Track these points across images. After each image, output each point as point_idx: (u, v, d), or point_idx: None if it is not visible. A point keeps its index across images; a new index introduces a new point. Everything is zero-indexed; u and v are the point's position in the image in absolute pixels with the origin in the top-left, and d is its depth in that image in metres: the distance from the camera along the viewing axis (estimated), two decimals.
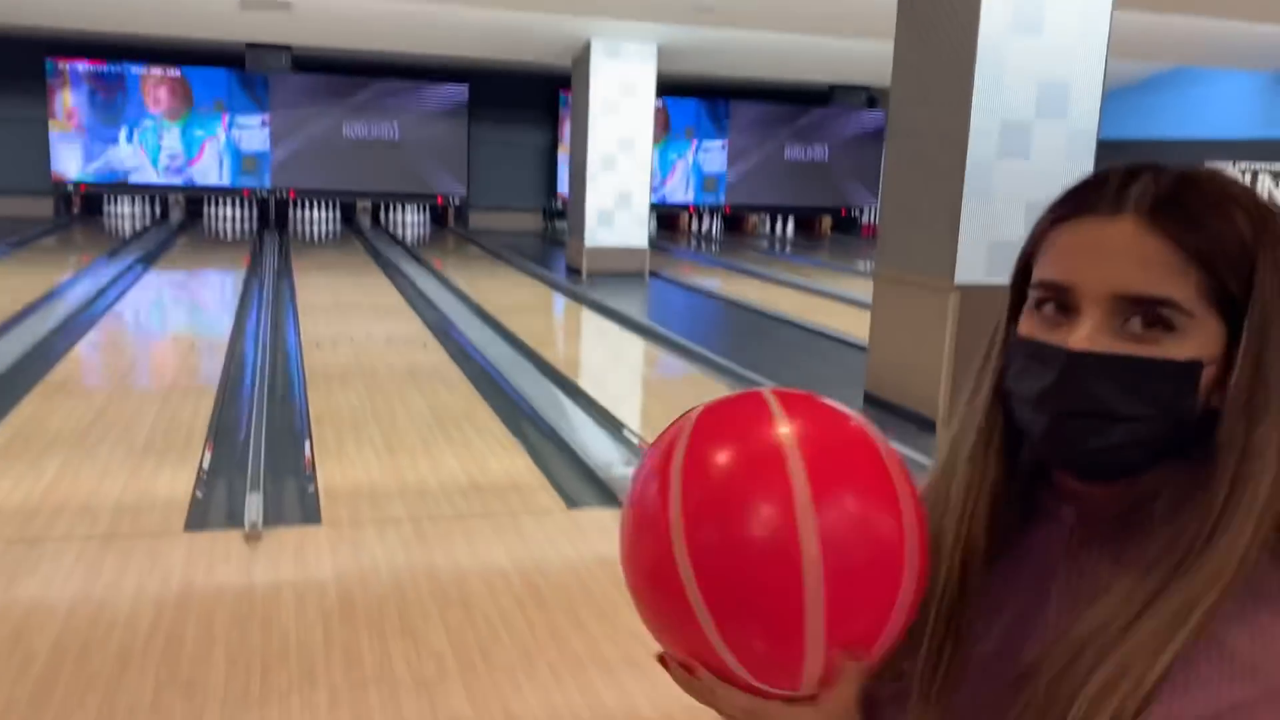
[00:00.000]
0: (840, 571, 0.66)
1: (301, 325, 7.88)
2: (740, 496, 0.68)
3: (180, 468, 4.39)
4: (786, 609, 0.66)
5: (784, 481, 0.67)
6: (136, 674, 2.70)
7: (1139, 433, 0.69)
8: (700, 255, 15.24)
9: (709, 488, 0.69)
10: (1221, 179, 0.71)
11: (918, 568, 0.69)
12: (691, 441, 0.72)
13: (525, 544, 3.72)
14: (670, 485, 0.70)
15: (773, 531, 0.66)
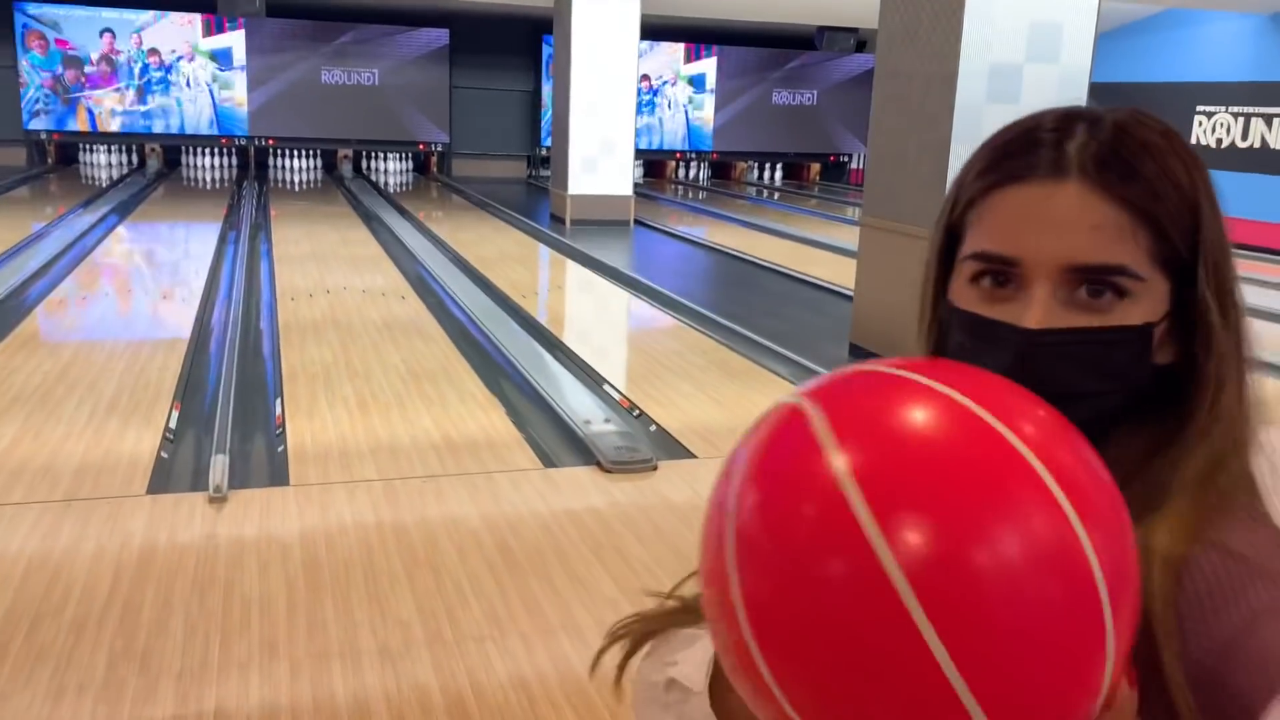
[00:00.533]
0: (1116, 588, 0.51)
1: (277, 277, 7.71)
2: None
3: (146, 427, 4.27)
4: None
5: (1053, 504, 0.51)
6: (90, 646, 2.60)
7: (1100, 406, 0.67)
8: (687, 203, 15.03)
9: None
10: (1151, 126, 0.68)
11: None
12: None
13: (499, 505, 3.62)
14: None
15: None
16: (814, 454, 0.52)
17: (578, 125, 11.04)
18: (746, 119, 17.63)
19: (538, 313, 7.00)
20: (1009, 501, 0.50)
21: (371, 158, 16.40)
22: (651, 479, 3.90)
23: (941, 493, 0.49)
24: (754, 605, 0.52)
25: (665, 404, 4.87)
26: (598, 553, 3.25)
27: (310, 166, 16.08)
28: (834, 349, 6.04)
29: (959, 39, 5.05)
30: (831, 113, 17.88)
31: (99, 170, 15.11)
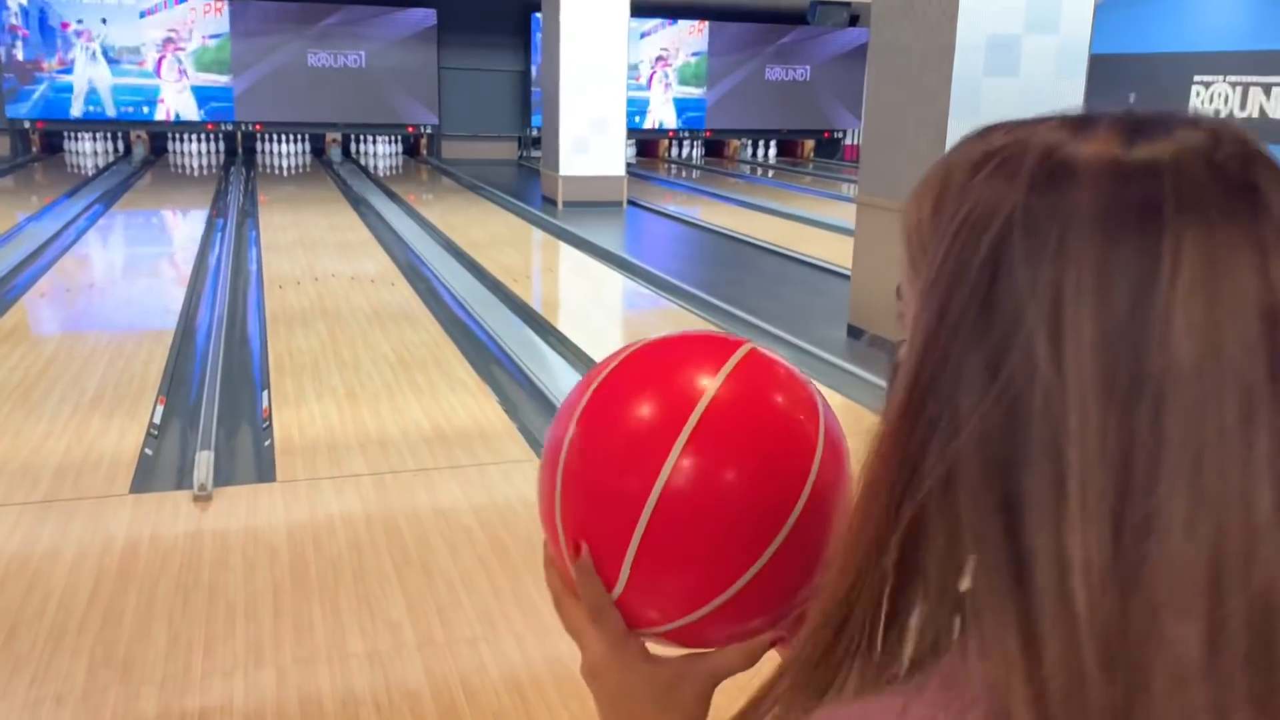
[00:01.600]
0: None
1: (265, 264, 7.60)
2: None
3: (130, 422, 4.17)
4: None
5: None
6: (69, 654, 2.51)
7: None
8: (680, 183, 14.90)
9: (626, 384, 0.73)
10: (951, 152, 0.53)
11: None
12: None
13: (491, 497, 3.53)
14: (591, 381, 0.74)
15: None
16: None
17: (568, 105, 10.89)
18: (739, 96, 17.46)
19: (530, 297, 6.90)
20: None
21: (360, 141, 16.22)
22: None
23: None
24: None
25: None
26: None
27: (298, 151, 15.90)
28: (831, 330, 5.95)
29: (955, 10, 4.93)
30: (825, 88, 17.72)
31: (84, 158, 14.93)
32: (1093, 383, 0.44)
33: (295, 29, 15.39)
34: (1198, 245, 0.43)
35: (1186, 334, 0.43)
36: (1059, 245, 0.45)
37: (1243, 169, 0.45)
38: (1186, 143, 0.45)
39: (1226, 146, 0.45)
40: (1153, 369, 0.43)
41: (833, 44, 17.58)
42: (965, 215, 0.48)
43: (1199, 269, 0.43)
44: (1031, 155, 0.47)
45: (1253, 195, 0.45)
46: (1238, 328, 0.43)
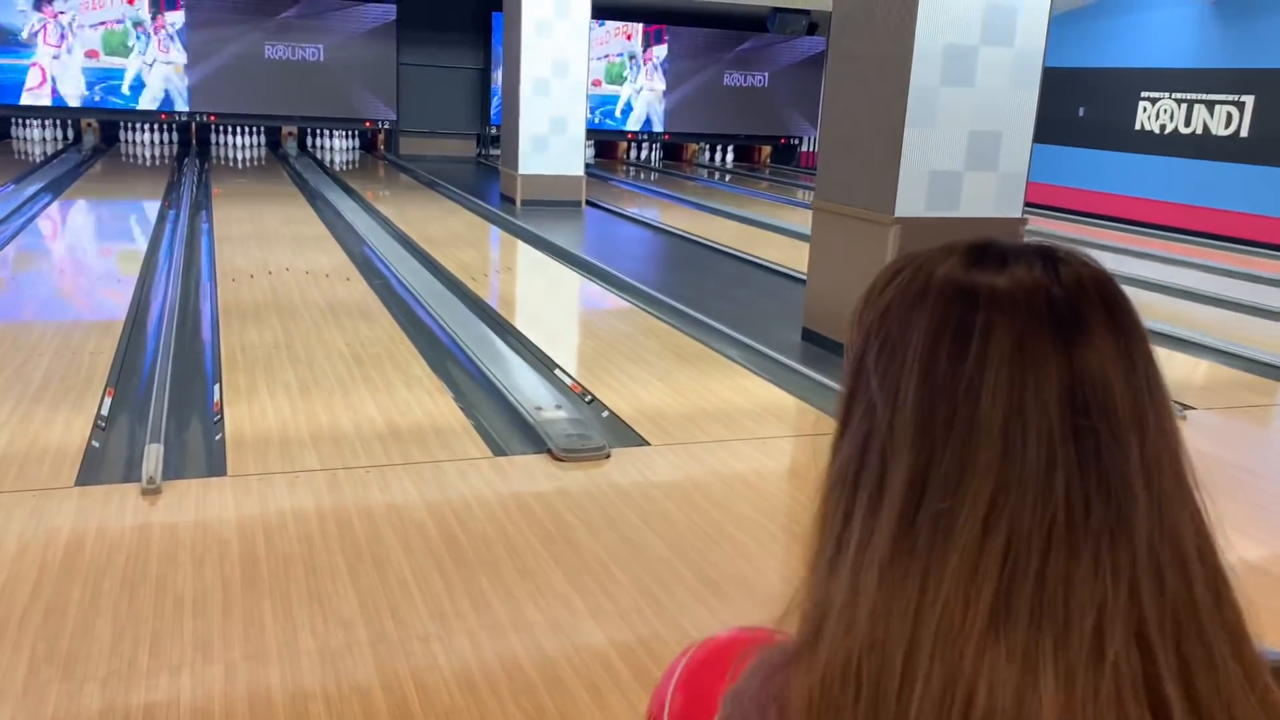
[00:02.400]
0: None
1: (217, 257, 7.49)
2: None
3: (76, 414, 4.09)
4: None
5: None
6: (9, 650, 2.46)
7: None
8: (638, 184, 14.92)
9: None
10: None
11: None
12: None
13: (446, 495, 3.51)
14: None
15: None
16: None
17: (528, 104, 10.86)
18: (698, 100, 17.53)
19: (487, 295, 6.87)
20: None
21: (317, 135, 16.05)
22: (603, 467, 3.82)
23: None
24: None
25: (618, 389, 4.79)
26: (548, 544, 3.17)
27: (253, 144, 15.70)
28: (787, 333, 5.99)
29: (914, 20, 5.00)
30: (783, 95, 17.85)
31: (33, 145, 14.62)
32: (907, 431, 0.62)
33: (252, 20, 15.20)
34: (1005, 336, 0.61)
35: (993, 394, 0.60)
36: (905, 325, 0.64)
37: (1068, 300, 0.62)
38: (1016, 274, 0.63)
39: (1062, 284, 0.63)
40: (962, 416, 0.61)
41: (790, 52, 17.72)
42: (860, 325, 0.69)
43: (1004, 351, 0.61)
44: (905, 274, 0.67)
45: (1067, 314, 0.61)
46: (1040, 391, 0.60)
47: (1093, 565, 0.58)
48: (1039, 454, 0.59)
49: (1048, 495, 0.59)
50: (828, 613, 0.63)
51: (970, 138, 5.23)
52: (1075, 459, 0.59)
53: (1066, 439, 0.59)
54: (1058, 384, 0.60)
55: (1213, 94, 11.21)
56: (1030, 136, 5.39)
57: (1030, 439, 0.59)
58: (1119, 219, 11.99)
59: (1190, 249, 10.14)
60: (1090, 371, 0.60)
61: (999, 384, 0.60)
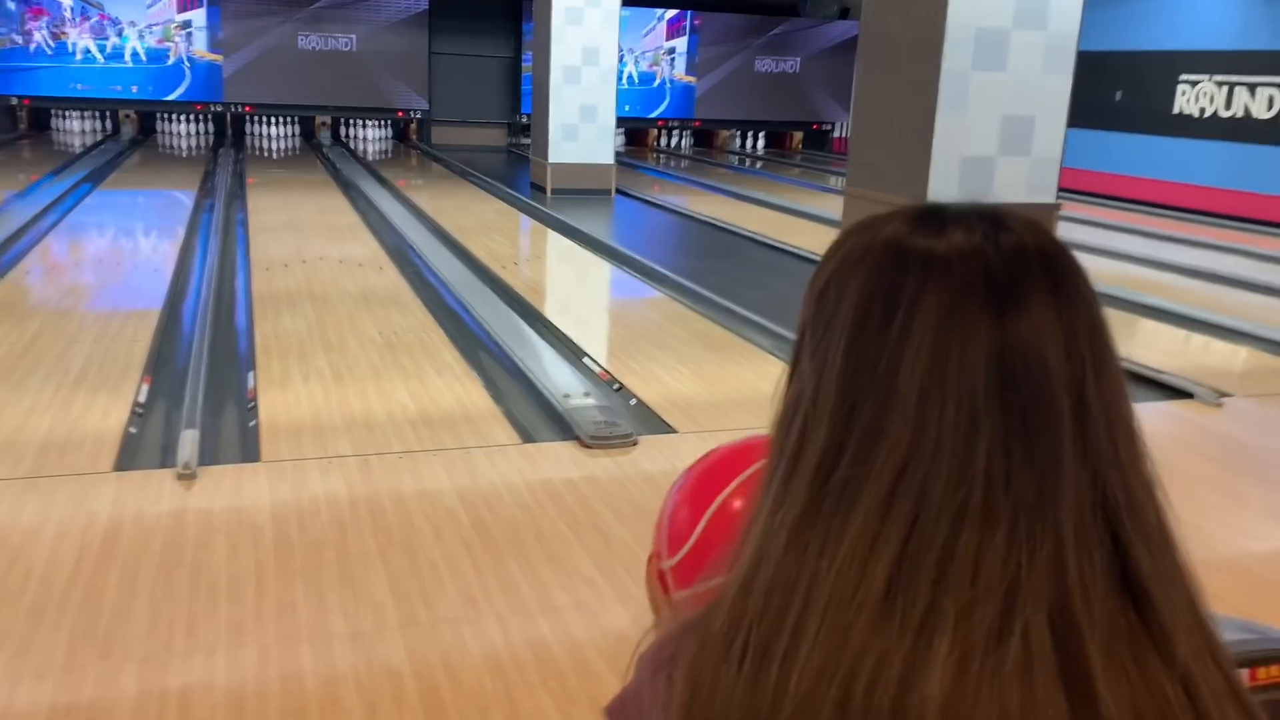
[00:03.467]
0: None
1: (252, 246, 7.58)
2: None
3: (114, 401, 4.16)
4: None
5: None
6: (49, 631, 2.52)
7: None
8: (669, 172, 14.89)
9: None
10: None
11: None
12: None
13: (476, 481, 3.54)
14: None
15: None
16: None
17: (558, 92, 10.87)
18: (729, 86, 17.46)
19: (517, 284, 6.90)
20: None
21: (350, 125, 16.16)
22: (631, 454, 3.83)
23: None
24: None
25: (646, 377, 4.80)
26: (576, 530, 3.19)
27: (288, 134, 15.84)
28: None
29: (945, 3, 4.95)
30: (814, 80, 17.73)
31: (72, 136, 14.83)
32: (830, 399, 0.61)
33: (286, 11, 15.31)
34: (934, 303, 0.59)
35: (913, 364, 0.58)
36: (841, 292, 0.63)
37: (1006, 267, 0.60)
38: (953, 238, 0.61)
39: (1001, 251, 0.60)
40: (879, 385, 0.59)
41: (822, 37, 17.59)
42: (809, 292, 0.68)
43: (931, 319, 0.58)
44: (853, 239, 0.65)
45: (1003, 282, 0.59)
46: (965, 362, 0.58)
47: (1007, 540, 0.56)
48: (958, 426, 0.57)
49: (964, 468, 0.57)
50: (734, 579, 0.63)
51: (1003, 123, 5.18)
52: (1000, 432, 0.57)
53: (991, 412, 0.57)
54: (986, 355, 0.58)
55: (1254, 76, 11.01)
56: (1064, 121, 5.33)
57: (949, 410, 0.57)
58: (1156, 204, 11.82)
59: (1229, 234, 9.98)
60: (1022, 343, 0.58)
61: (920, 353, 0.58)
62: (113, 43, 14.87)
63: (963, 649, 0.55)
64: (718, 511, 1.01)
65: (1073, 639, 0.56)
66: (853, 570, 0.57)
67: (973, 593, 0.56)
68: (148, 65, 15.03)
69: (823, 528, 0.59)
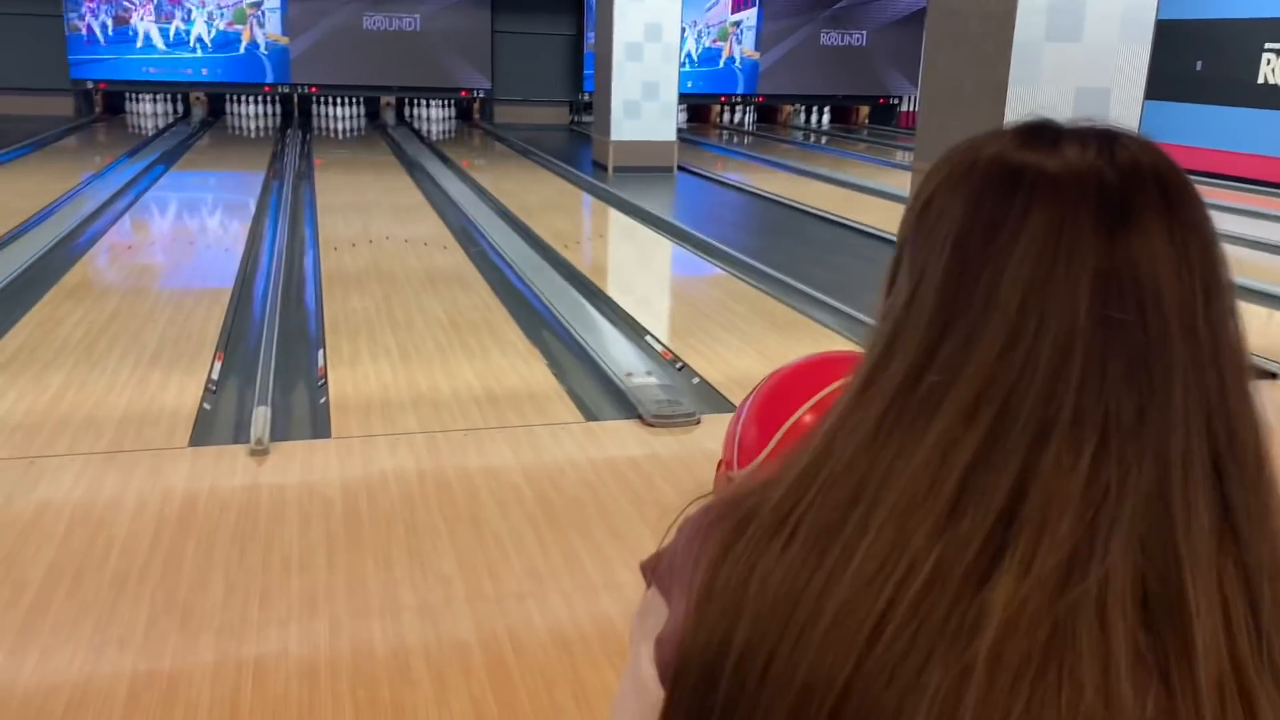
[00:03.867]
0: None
1: (320, 226, 7.69)
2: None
3: (188, 378, 4.27)
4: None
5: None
6: (131, 600, 2.60)
7: None
8: (731, 148, 14.79)
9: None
10: None
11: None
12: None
13: (540, 458, 3.57)
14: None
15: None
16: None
17: (620, 69, 10.84)
18: (793, 60, 17.25)
19: (580, 262, 6.91)
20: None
21: (414, 105, 16.30)
22: (694, 433, 3.83)
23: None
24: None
25: (708, 356, 4.78)
26: (639, 508, 3.20)
27: (353, 114, 16.03)
28: None
29: None
30: (882, 53, 17.44)
31: (145, 119, 15.17)
32: (925, 310, 0.60)
33: None
34: (1042, 219, 0.57)
35: (1015, 276, 0.57)
36: (945, 207, 0.61)
37: (1120, 184, 0.58)
38: (1066, 154, 0.59)
39: (1116, 167, 0.58)
40: (979, 296, 0.58)
41: (890, 9, 17.28)
42: (908, 213, 0.66)
43: (1038, 234, 0.57)
44: (958, 153, 0.64)
45: (1116, 199, 0.57)
46: (1069, 281, 0.56)
47: (1093, 461, 0.54)
48: (1056, 339, 0.55)
49: (1055, 383, 0.55)
50: (794, 464, 0.62)
51: (1077, 95, 5.05)
52: (1099, 350, 0.55)
53: (1092, 329, 0.55)
54: (1092, 272, 0.56)
55: None
56: (1142, 93, 5.17)
57: (1049, 325, 0.56)
58: (1239, 178, 11.44)
59: None
60: (1132, 263, 0.56)
61: (1023, 266, 0.57)
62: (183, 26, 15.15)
63: (1032, 569, 0.53)
64: (791, 429, 1.00)
65: (1171, 575, 0.54)
66: (925, 474, 0.56)
67: (1044, 515, 0.54)
68: (218, 48, 15.30)
69: (902, 429, 0.58)
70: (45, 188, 8.84)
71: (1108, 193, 0.57)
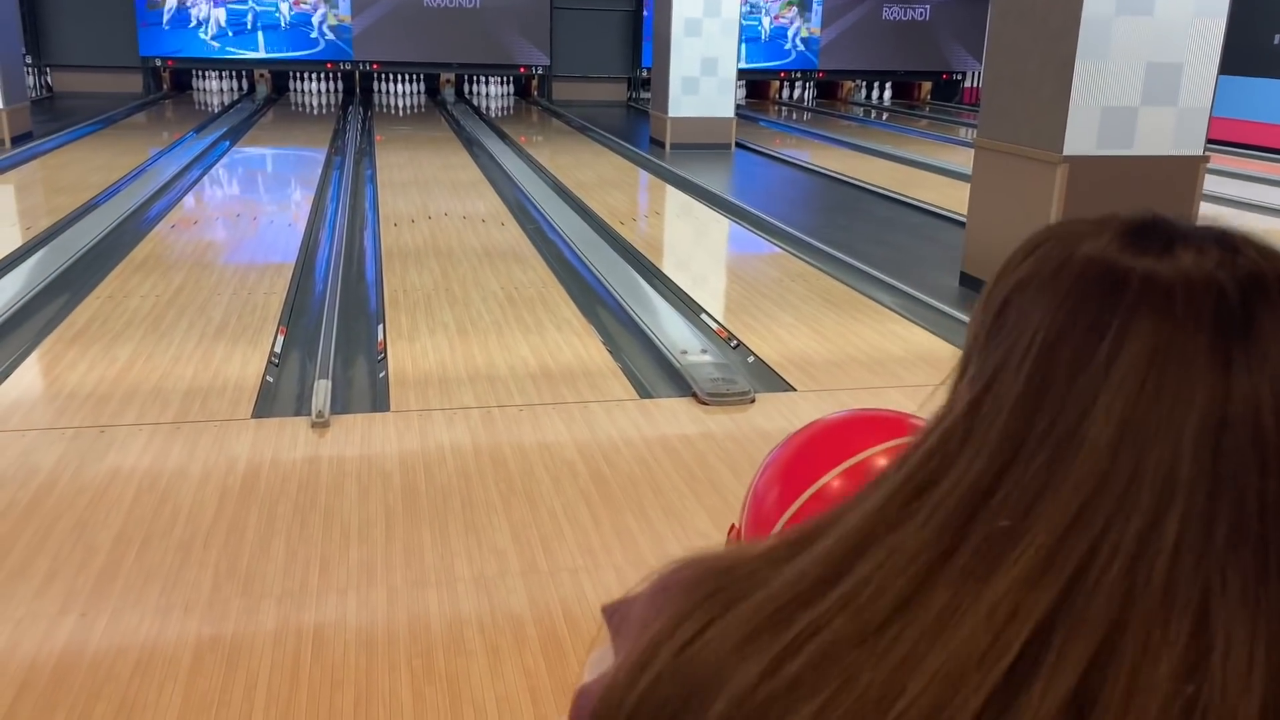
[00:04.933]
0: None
1: (380, 202, 7.78)
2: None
3: (252, 351, 4.35)
4: None
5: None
6: (196, 567, 2.67)
7: None
8: (790, 125, 14.64)
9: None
10: None
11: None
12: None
13: (594, 434, 3.59)
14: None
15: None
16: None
17: (678, 44, 10.77)
18: (855, 36, 17.01)
19: (635, 239, 6.91)
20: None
21: (473, 81, 16.37)
22: (748, 412, 3.82)
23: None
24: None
25: (764, 334, 4.76)
26: (692, 485, 3.20)
27: (413, 91, 16.14)
28: (944, 278, 5.82)
29: None
30: (945, 28, 17.13)
31: (211, 96, 15.43)
32: (994, 430, 0.50)
33: None
34: (1147, 338, 0.47)
35: (1106, 410, 0.47)
36: (1027, 310, 0.51)
37: (1241, 293, 0.47)
38: (1182, 262, 0.49)
39: (1237, 277, 0.48)
40: (1064, 424, 0.48)
41: None
42: (986, 303, 0.56)
43: (1140, 358, 0.47)
44: (1046, 248, 0.54)
45: (1234, 314, 0.47)
46: (1173, 423, 0.46)
47: (1188, 646, 0.44)
48: (1151, 491, 0.46)
49: (1145, 546, 0.45)
50: (813, 547, 0.53)
51: (1148, 70, 4.91)
52: (1202, 510, 0.45)
53: (1197, 482, 0.46)
54: (1202, 408, 0.46)
55: None
56: (1215, 68, 5.02)
57: (1146, 471, 0.46)
58: None
59: None
60: (1256, 397, 0.46)
61: (1120, 397, 0.47)
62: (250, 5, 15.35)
63: None
64: (816, 495, 0.89)
65: None
66: (985, 637, 0.46)
67: (1130, 698, 0.44)
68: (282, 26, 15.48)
69: (955, 575, 0.48)
70: (115, 163, 9.05)
71: (1227, 309, 0.47)
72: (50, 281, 5.35)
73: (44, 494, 3.04)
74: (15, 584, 2.57)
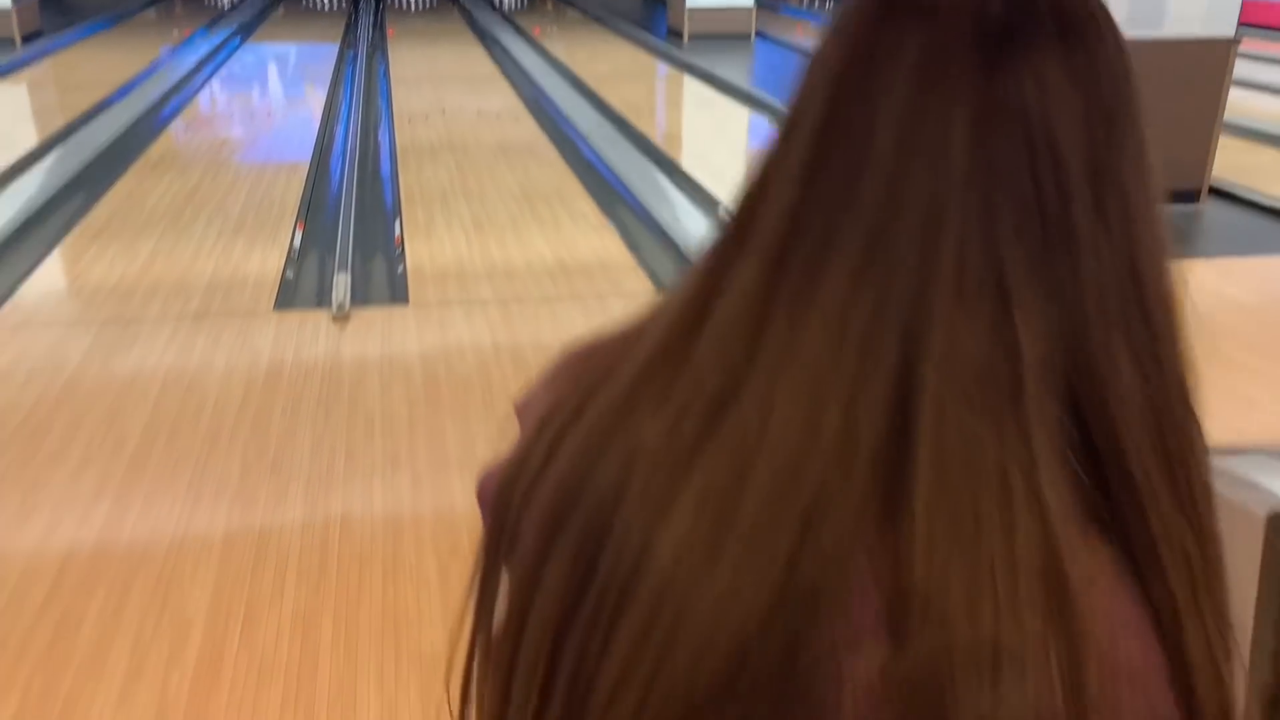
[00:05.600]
0: None
1: (394, 99, 7.69)
2: None
3: (271, 246, 4.37)
4: None
5: None
6: (224, 455, 2.73)
7: None
8: (812, 12, 14.26)
9: None
10: None
11: None
12: None
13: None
14: None
15: None
16: None
17: None
18: None
19: (653, 132, 6.82)
20: None
21: None
22: None
23: None
24: None
25: None
26: None
27: None
28: None
29: None
30: None
31: None
32: (796, 162, 0.53)
33: None
34: (916, 51, 0.50)
35: (885, 121, 0.50)
36: (825, 55, 0.55)
37: (1005, 11, 0.50)
38: None
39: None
40: (852, 156, 0.51)
41: None
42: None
43: (911, 70, 0.50)
44: (839, 8, 0.57)
45: (997, 27, 0.50)
46: (944, 119, 0.49)
47: (993, 325, 0.48)
48: (928, 186, 0.49)
49: (934, 236, 0.49)
50: (671, 316, 0.55)
51: None
52: (980, 201, 0.48)
53: (972, 176, 0.48)
54: (970, 112, 0.49)
55: None
56: None
57: (919, 181, 0.49)
58: None
59: None
60: (1018, 99, 0.49)
61: (896, 104, 0.50)
62: None
63: (949, 420, 0.48)
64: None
65: (1107, 431, 0.49)
66: (827, 344, 0.49)
67: (952, 368, 0.48)
68: None
69: (789, 291, 0.51)
70: (127, 61, 8.95)
71: (988, 21, 0.50)
72: (69, 180, 5.35)
73: (74, 385, 3.10)
74: (51, 471, 2.65)
